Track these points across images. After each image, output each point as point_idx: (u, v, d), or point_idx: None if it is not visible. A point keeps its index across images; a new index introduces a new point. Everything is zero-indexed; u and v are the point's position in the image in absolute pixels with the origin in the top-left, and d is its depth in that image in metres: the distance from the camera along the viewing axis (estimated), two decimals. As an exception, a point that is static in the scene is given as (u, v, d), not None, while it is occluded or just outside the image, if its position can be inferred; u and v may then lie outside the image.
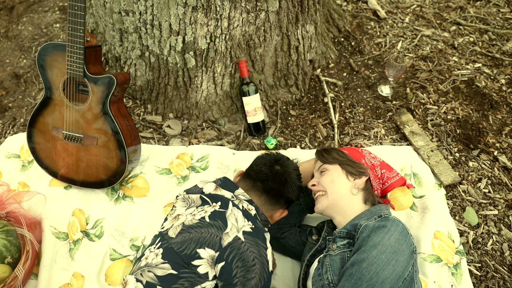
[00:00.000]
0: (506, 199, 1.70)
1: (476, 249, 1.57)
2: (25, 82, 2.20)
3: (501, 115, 1.98)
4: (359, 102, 2.06)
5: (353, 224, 1.18)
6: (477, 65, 2.20)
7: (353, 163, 1.35)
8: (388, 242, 1.07)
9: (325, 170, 1.36)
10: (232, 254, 1.10)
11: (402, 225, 1.13)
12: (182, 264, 1.11)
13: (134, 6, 1.69)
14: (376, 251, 1.06)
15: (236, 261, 1.09)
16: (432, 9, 2.57)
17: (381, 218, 1.16)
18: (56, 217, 1.58)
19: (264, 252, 1.15)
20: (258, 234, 1.17)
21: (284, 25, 1.84)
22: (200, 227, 1.16)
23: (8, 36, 2.53)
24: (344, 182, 1.30)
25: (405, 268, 1.07)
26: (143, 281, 1.10)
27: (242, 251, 1.11)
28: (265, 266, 1.13)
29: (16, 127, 1.97)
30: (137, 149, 1.67)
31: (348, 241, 1.17)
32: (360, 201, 1.30)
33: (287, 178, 1.35)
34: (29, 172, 1.73)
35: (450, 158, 1.81)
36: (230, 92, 1.91)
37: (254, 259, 1.11)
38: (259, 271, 1.10)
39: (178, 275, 1.10)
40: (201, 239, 1.13)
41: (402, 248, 1.08)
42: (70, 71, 1.47)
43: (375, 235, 1.09)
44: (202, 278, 1.10)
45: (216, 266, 1.10)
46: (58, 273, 1.45)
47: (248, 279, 1.08)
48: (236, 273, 1.08)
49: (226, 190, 1.28)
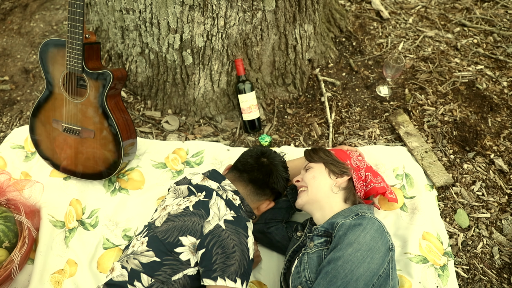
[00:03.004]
0: (500, 203, 1.68)
1: (465, 252, 1.56)
2: (33, 76, 2.29)
3: (500, 118, 1.95)
4: (356, 102, 2.06)
5: (330, 222, 1.20)
6: (479, 67, 2.18)
7: (336, 162, 1.38)
8: (364, 240, 1.09)
9: (310, 167, 1.39)
10: (213, 241, 1.13)
11: (378, 223, 1.14)
12: (165, 251, 1.15)
13: (134, 5, 1.74)
14: (352, 249, 1.07)
15: (216, 248, 1.12)
16: (437, 10, 2.54)
17: (357, 216, 1.17)
18: (54, 206, 1.64)
19: (245, 240, 1.17)
20: (239, 223, 1.20)
21: (281, 25, 1.87)
22: (183, 215, 1.20)
23: (21, 33, 2.63)
24: (325, 180, 1.33)
25: (380, 265, 1.09)
26: (128, 268, 1.15)
27: (222, 238, 1.14)
28: (245, 253, 1.15)
29: (23, 120, 2.05)
30: (133, 143, 1.72)
31: (325, 239, 1.19)
32: (340, 199, 1.32)
33: (273, 169, 1.38)
34: (32, 163, 1.81)
35: (445, 159, 1.80)
36: (227, 90, 1.95)
37: (234, 246, 1.13)
38: (239, 258, 1.13)
39: (161, 262, 1.14)
40: (184, 227, 1.17)
41: (377, 246, 1.09)
42: (69, 66, 1.53)
43: (351, 233, 1.10)
44: (184, 265, 1.14)
45: (197, 253, 1.14)
46: (53, 259, 1.52)
47: (227, 266, 1.11)
48: (216, 260, 1.11)
49: (213, 181, 1.33)
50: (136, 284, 1.12)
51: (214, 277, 1.10)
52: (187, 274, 1.15)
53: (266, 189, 1.39)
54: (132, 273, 1.14)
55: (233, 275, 1.10)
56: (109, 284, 1.15)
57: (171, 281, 1.13)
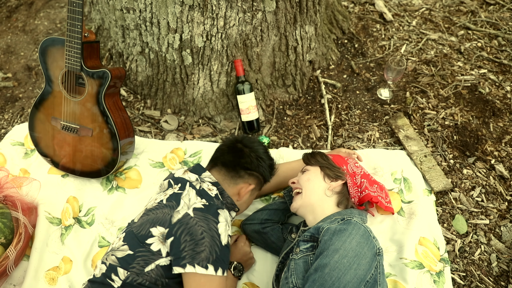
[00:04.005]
0: (500, 209, 1.66)
1: (462, 258, 1.54)
2: (36, 74, 2.31)
3: (502, 123, 1.93)
4: (356, 104, 2.05)
5: (317, 227, 1.20)
6: (483, 71, 2.15)
7: (332, 166, 1.38)
8: (350, 246, 1.08)
9: (306, 170, 1.39)
10: (181, 229, 1.13)
11: (364, 228, 1.13)
12: (138, 243, 1.17)
13: (134, 4, 1.75)
14: (338, 256, 1.06)
15: (185, 235, 1.12)
16: (441, 13, 2.52)
17: (343, 221, 1.16)
18: (51, 203, 1.65)
19: (214, 226, 1.16)
20: (209, 210, 1.18)
21: (282, 25, 1.86)
22: (157, 208, 1.22)
23: (25, 30, 2.65)
24: (319, 183, 1.33)
25: (367, 271, 1.08)
26: (107, 263, 1.19)
27: (190, 226, 1.13)
28: (215, 239, 1.14)
29: (24, 117, 2.07)
30: (131, 142, 1.73)
31: (311, 244, 1.18)
32: (333, 203, 1.31)
33: (245, 149, 1.37)
34: (31, 160, 1.82)
35: (444, 164, 1.78)
36: (226, 90, 1.94)
37: (202, 232, 1.12)
38: (209, 244, 1.12)
39: (134, 254, 1.16)
40: (155, 219, 1.19)
41: (363, 251, 1.08)
42: (68, 64, 1.54)
43: (337, 239, 1.09)
44: (156, 255, 1.15)
45: (166, 242, 1.14)
46: (49, 256, 1.53)
47: (197, 252, 1.10)
48: (185, 247, 1.11)
49: (193, 173, 1.33)
50: (114, 278, 1.15)
51: (183, 265, 1.09)
52: (159, 264, 1.15)
53: (240, 171, 1.36)
54: (110, 268, 1.17)
55: (204, 262, 1.09)
56: (92, 281, 1.19)
57: (144, 272, 1.14)
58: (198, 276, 1.10)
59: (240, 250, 1.46)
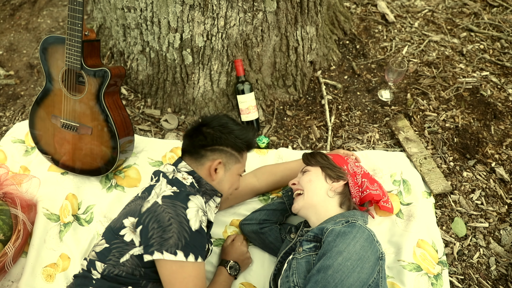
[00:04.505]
0: (499, 212, 1.65)
1: (461, 261, 1.53)
2: (38, 72, 2.32)
3: (504, 126, 1.92)
4: (357, 105, 2.04)
5: (320, 227, 1.19)
6: (485, 73, 2.14)
7: (333, 167, 1.37)
8: (354, 249, 1.08)
9: (307, 171, 1.39)
10: (149, 217, 1.13)
11: (368, 232, 1.13)
12: (113, 236, 1.20)
13: (135, 3, 1.75)
14: (342, 258, 1.06)
15: (152, 223, 1.12)
16: (444, 15, 2.51)
17: (348, 224, 1.16)
18: (50, 200, 1.66)
19: (182, 212, 1.14)
20: (178, 196, 1.17)
21: (282, 26, 1.86)
22: (132, 202, 1.26)
23: (28, 28, 2.66)
24: (321, 184, 1.32)
25: (370, 274, 1.08)
26: (88, 259, 1.23)
27: (157, 213, 1.13)
28: (183, 225, 1.12)
29: (25, 115, 2.08)
30: (131, 140, 1.73)
31: (314, 245, 1.18)
32: (336, 204, 1.31)
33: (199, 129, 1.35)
34: (31, 157, 1.83)
35: (444, 167, 1.77)
36: (226, 90, 1.94)
37: (170, 219, 1.11)
38: (177, 230, 1.11)
39: (110, 247, 1.19)
40: (128, 212, 1.22)
41: (367, 255, 1.08)
42: (68, 63, 1.54)
43: (341, 241, 1.09)
44: (129, 246, 1.17)
45: (136, 231, 1.16)
46: (47, 253, 1.53)
47: (165, 239, 1.10)
48: (153, 234, 1.11)
49: (171, 165, 1.35)
50: (93, 272, 1.18)
51: (151, 252, 1.10)
52: (133, 254, 1.16)
53: (200, 151, 1.32)
54: (90, 263, 1.20)
55: (172, 248, 1.08)
56: (76, 276, 1.25)
57: (120, 263, 1.16)
58: (169, 263, 1.09)
59: (237, 250, 1.46)
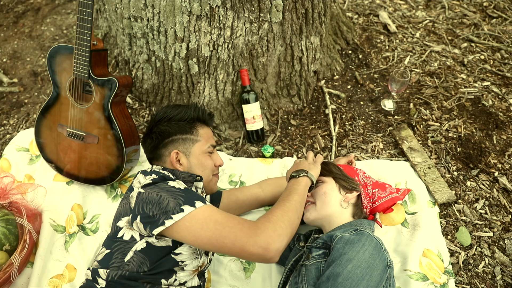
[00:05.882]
0: (503, 222, 1.66)
1: (467, 271, 1.54)
2: (41, 80, 2.32)
3: (506, 136, 1.94)
4: (360, 115, 2.06)
5: (330, 235, 1.21)
6: (486, 83, 2.17)
7: (346, 178, 1.39)
8: (363, 257, 1.09)
9: (320, 182, 1.39)
10: (140, 206, 1.11)
11: (376, 240, 1.14)
12: (112, 241, 1.19)
13: (142, 13, 1.77)
14: (351, 266, 1.07)
15: (146, 207, 1.09)
16: (445, 25, 2.54)
17: (356, 232, 1.17)
18: (56, 210, 1.66)
19: (166, 185, 1.14)
20: (157, 180, 1.16)
21: (287, 36, 1.88)
22: (119, 206, 1.25)
23: (32, 36, 2.67)
24: (335, 195, 1.34)
25: (379, 282, 1.08)
26: (91, 268, 1.21)
27: (145, 198, 1.11)
28: (172, 191, 1.11)
29: (29, 122, 2.08)
30: (137, 149, 1.73)
31: (323, 251, 1.19)
32: (349, 214, 1.34)
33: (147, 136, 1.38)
34: (36, 166, 1.82)
35: (448, 176, 1.79)
36: (231, 99, 1.96)
37: (158, 194, 1.10)
38: (170, 196, 1.09)
39: (111, 251, 1.18)
40: (118, 214, 1.22)
41: (375, 263, 1.09)
42: (76, 72, 1.55)
43: (350, 249, 1.10)
44: (130, 243, 1.15)
45: (133, 226, 1.13)
46: (53, 264, 1.52)
47: (165, 207, 1.06)
48: (153, 212, 1.08)
49: None
50: (98, 280, 1.15)
51: (161, 223, 1.06)
52: (136, 249, 1.14)
53: (155, 152, 1.34)
54: (93, 272, 1.18)
55: (176, 208, 1.06)
56: (81, 287, 1.22)
57: (125, 263, 1.14)
58: (182, 222, 1.05)
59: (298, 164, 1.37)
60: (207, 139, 1.39)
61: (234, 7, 1.65)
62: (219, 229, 1.02)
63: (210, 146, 1.38)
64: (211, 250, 1.06)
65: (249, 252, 0.98)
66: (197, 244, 1.06)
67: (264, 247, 0.97)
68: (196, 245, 1.07)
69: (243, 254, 1.00)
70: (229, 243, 1.01)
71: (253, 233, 1.00)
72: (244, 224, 1.03)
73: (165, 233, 1.08)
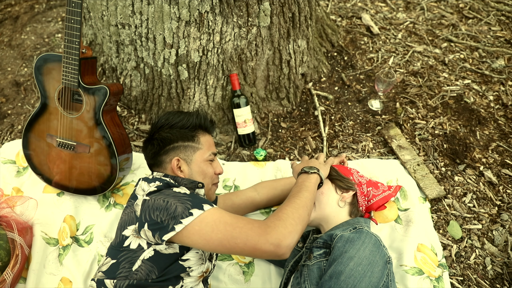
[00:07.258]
0: (490, 214, 1.72)
1: (459, 263, 1.59)
2: (24, 90, 2.27)
3: (488, 131, 2.01)
4: (349, 115, 2.10)
5: (329, 234, 1.23)
6: (467, 81, 2.25)
7: (342, 178, 1.42)
8: (364, 254, 1.11)
9: None
10: (147, 214, 1.10)
11: (375, 237, 1.17)
12: (118, 251, 1.17)
13: (130, 20, 1.75)
14: (353, 263, 1.09)
15: (153, 213, 1.08)
16: (424, 26, 2.62)
17: (355, 230, 1.20)
18: (47, 223, 1.62)
19: (171, 191, 1.13)
20: (162, 187, 1.16)
21: (275, 40, 1.90)
22: (123, 215, 1.22)
23: (11, 45, 2.60)
24: (333, 195, 1.36)
25: (380, 278, 1.11)
26: (96, 279, 1.18)
27: (152, 205, 1.10)
28: (178, 196, 1.10)
29: (14, 134, 2.02)
30: (128, 158, 1.71)
31: (324, 251, 1.21)
32: (346, 213, 1.36)
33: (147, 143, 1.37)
34: (24, 178, 1.77)
35: (436, 172, 1.84)
36: (222, 104, 1.96)
37: (164, 200, 1.09)
38: (177, 201, 1.08)
39: (117, 261, 1.15)
40: (123, 223, 1.18)
41: (376, 260, 1.11)
42: (65, 81, 1.52)
43: (351, 247, 1.12)
44: (138, 251, 1.13)
45: (140, 234, 1.12)
46: (46, 278, 1.48)
47: (173, 212, 1.06)
48: (162, 219, 1.07)
49: None
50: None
51: (171, 229, 1.05)
52: (144, 258, 1.12)
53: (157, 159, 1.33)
54: (98, 283, 1.16)
55: (185, 212, 1.05)
56: None
57: (133, 272, 1.12)
58: (192, 226, 1.04)
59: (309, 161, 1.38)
60: (209, 147, 1.38)
61: (223, 12, 1.66)
62: (229, 230, 1.03)
63: (211, 154, 1.38)
64: (222, 252, 1.06)
65: (261, 250, 1.00)
66: (208, 247, 1.05)
67: (275, 244, 0.99)
68: (206, 249, 1.06)
69: (255, 253, 1.01)
70: (240, 243, 1.01)
71: (264, 231, 1.01)
72: (254, 224, 1.04)
73: (175, 239, 1.07)
